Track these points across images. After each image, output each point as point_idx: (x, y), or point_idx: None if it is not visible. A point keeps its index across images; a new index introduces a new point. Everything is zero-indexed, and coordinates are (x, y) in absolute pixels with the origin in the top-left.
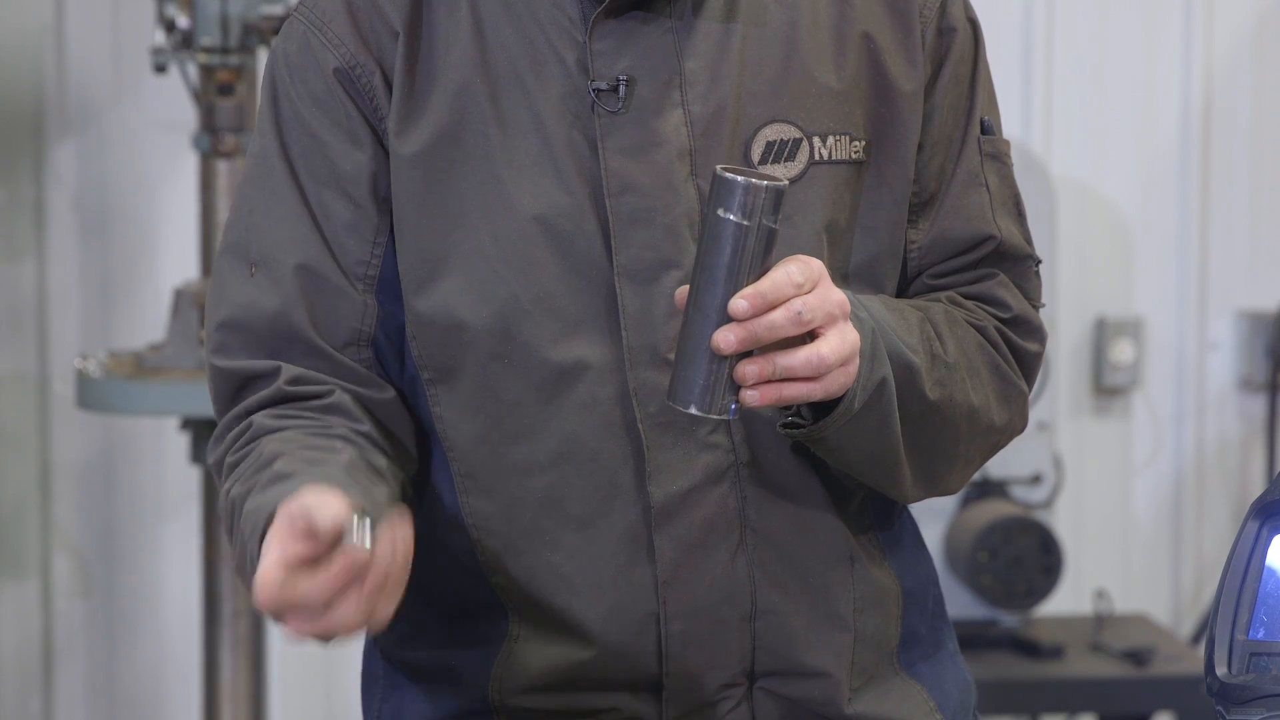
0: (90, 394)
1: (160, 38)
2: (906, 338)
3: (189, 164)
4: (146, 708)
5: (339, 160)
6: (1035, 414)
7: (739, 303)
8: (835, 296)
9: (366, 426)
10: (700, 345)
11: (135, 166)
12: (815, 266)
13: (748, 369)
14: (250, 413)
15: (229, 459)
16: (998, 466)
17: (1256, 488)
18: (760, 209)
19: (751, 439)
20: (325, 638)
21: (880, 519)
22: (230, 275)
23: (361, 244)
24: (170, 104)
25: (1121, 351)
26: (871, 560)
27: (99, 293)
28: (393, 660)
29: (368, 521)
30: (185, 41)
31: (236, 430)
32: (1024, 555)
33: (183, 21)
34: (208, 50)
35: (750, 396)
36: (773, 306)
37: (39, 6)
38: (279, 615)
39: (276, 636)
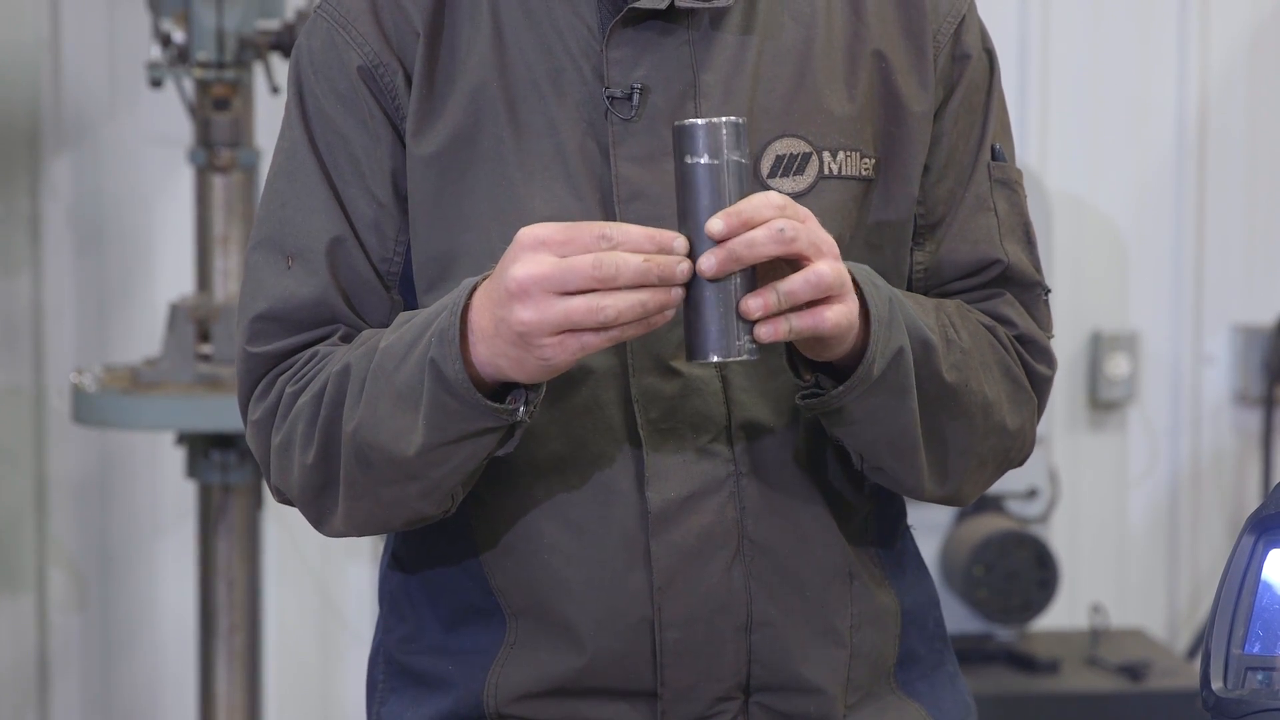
0: (86, 408)
1: (156, 52)
2: (924, 317)
3: (185, 178)
4: None
5: (362, 158)
6: None
7: (715, 223)
8: (824, 234)
9: None
10: (704, 294)
11: (131, 181)
12: (803, 209)
13: (751, 302)
14: (301, 350)
15: (290, 389)
16: None
17: (1252, 502)
18: (724, 144)
19: (752, 450)
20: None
21: (883, 538)
22: (266, 269)
23: (384, 242)
24: (166, 118)
25: (1117, 366)
26: (871, 578)
27: (95, 307)
28: (392, 664)
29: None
30: (181, 56)
31: (294, 368)
32: (1020, 569)
33: (179, 36)
34: (204, 65)
35: (764, 332)
36: (750, 226)
37: (35, 21)
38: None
39: (272, 651)
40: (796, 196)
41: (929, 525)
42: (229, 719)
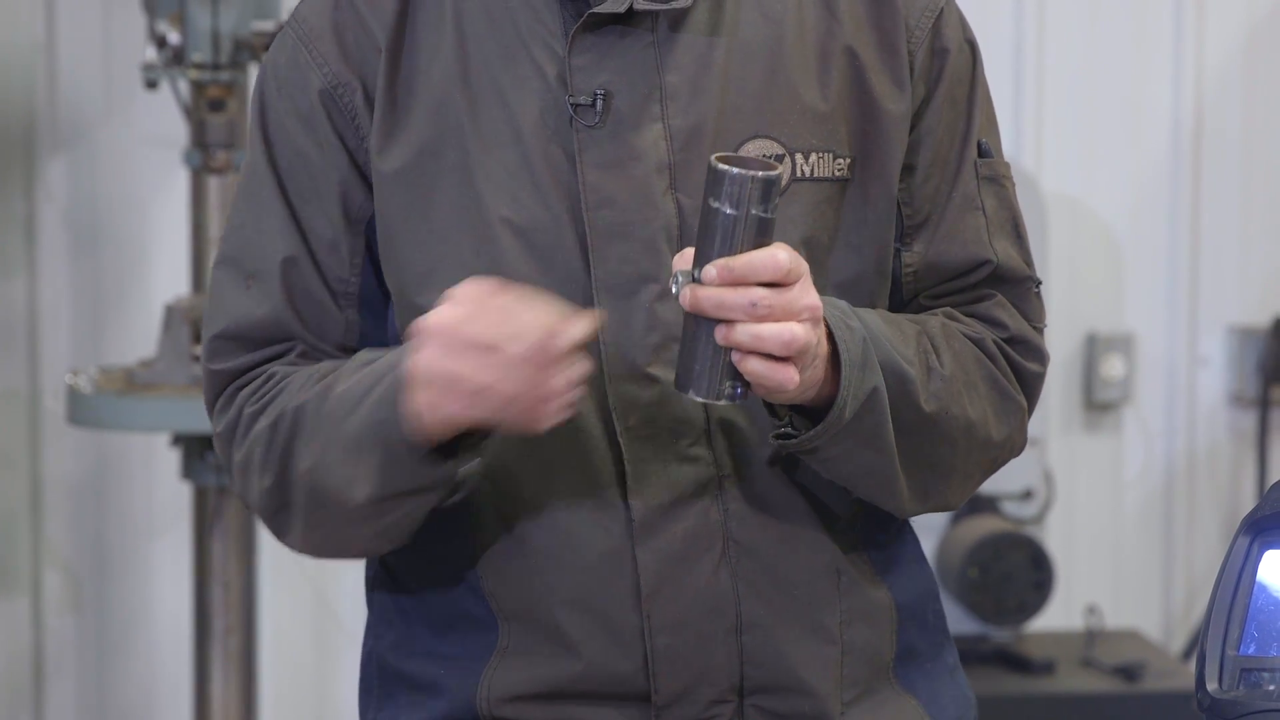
0: (81, 410)
1: (151, 54)
2: (902, 349)
3: (180, 180)
4: None
5: (320, 178)
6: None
7: (709, 270)
8: (809, 301)
9: None
10: (698, 332)
11: (126, 182)
12: (803, 264)
13: (720, 327)
14: (259, 366)
15: (249, 409)
16: (988, 482)
17: (1247, 503)
18: (748, 199)
19: (734, 452)
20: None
21: (873, 534)
22: (227, 288)
23: (341, 262)
24: (161, 120)
25: (1112, 367)
26: (861, 574)
27: (90, 309)
28: (386, 670)
29: None
30: (176, 57)
31: (251, 386)
32: (1015, 571)
33: (174, 38)
34: (199, 66)
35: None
36: (738, 282)
37: (30, 22)
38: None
39: (267, 652)
40: None
41: (924, 526)
42: None
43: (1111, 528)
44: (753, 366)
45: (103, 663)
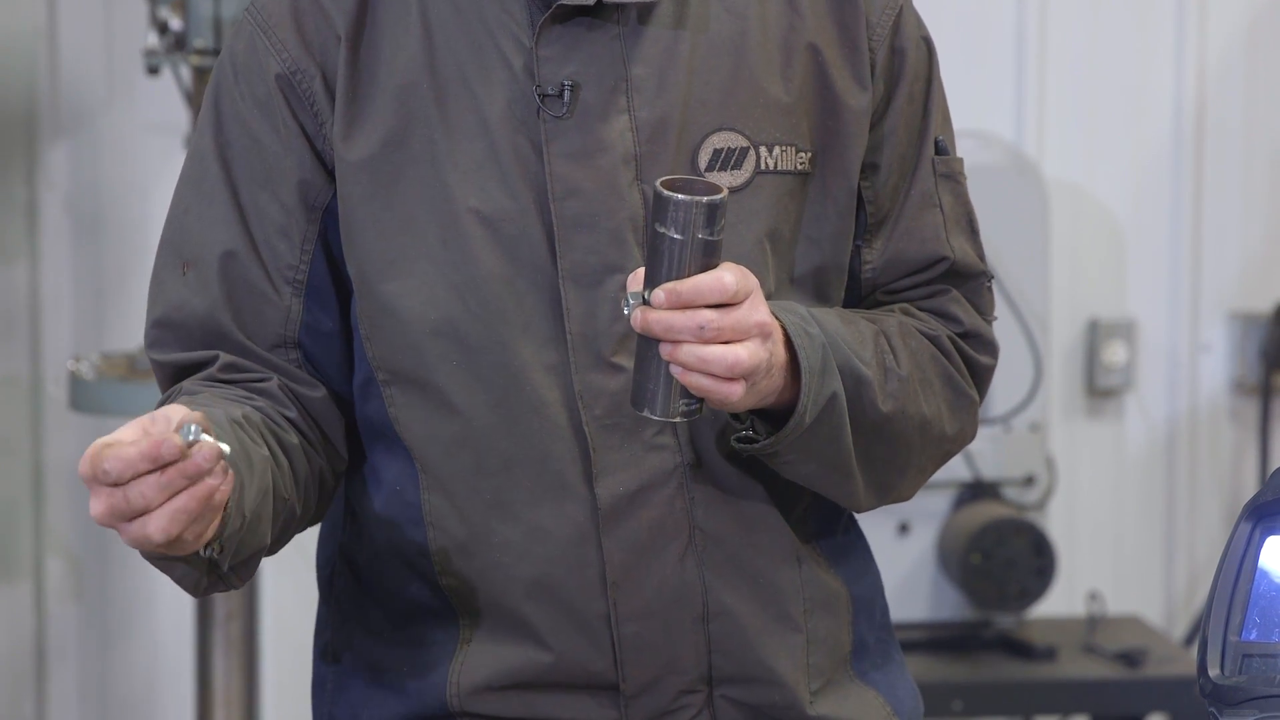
0: (83, 396)
1: (153, 40)
2: (860, 351)
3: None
4: (139, 711)
5: (274, 164)
6: (1028, 415)
7: (657, 294)
8: (758, 318)
9: (292, 413)
10: (650, 353)
11: (128, 168)
12: (751, 281)
13: (664, 345)
14: (189, 372)
15: None
16: (990, 468)
17: (1249, 489)
18: (694, 224)
19: (697, 440)
20: (123, 518)
21: (825, 526)
22: (165, 273)
23: (292, 248)
24: (163, 106)
25: (1114, 353)
26: (817, 563)
27: (92, 295)
28: (342, 662)
29: (197, 430)
30: (178, 43)
31: (163, 397)
32: (1017, 557)
33: (175, 24)
34: (200, 52)
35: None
36: (686, 306)
37: (31, 9)
38: (90, 482)
39: (270, 639)
40: (734, 191)
41: (925, 513)
42: (227, 706)
43: (1113, 514)
44: (696, 382)
45: (105, 649)
